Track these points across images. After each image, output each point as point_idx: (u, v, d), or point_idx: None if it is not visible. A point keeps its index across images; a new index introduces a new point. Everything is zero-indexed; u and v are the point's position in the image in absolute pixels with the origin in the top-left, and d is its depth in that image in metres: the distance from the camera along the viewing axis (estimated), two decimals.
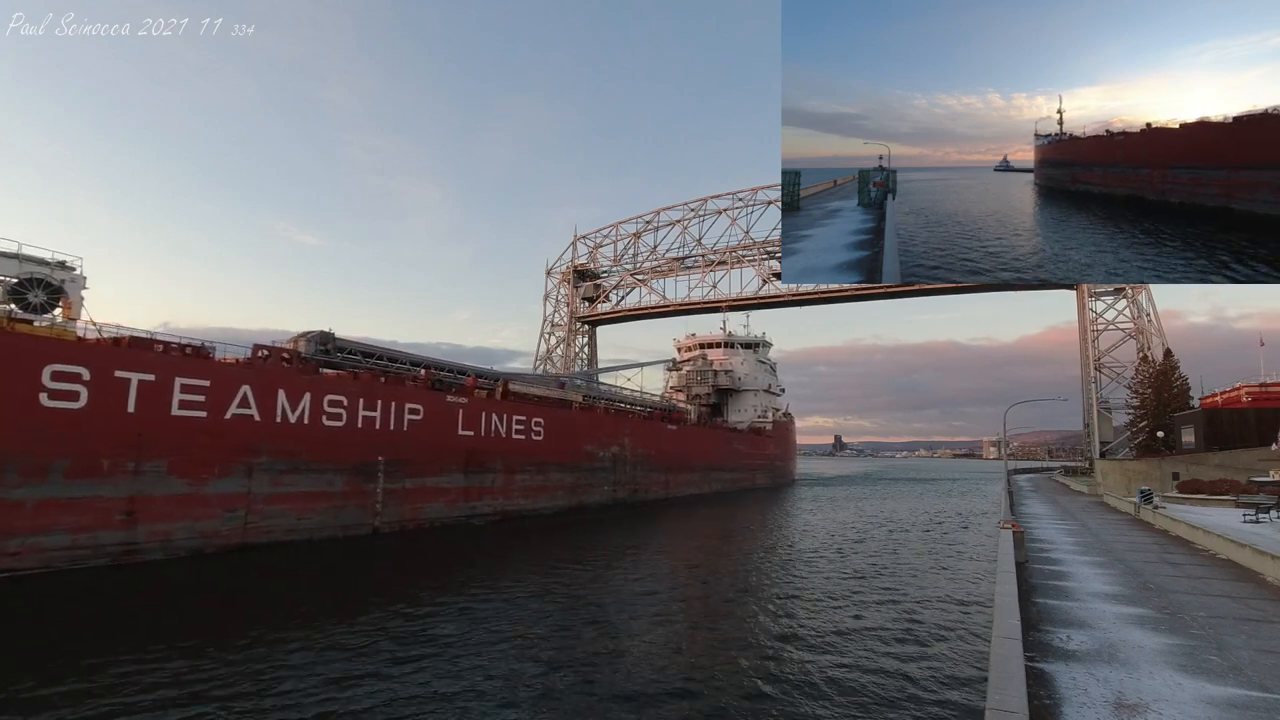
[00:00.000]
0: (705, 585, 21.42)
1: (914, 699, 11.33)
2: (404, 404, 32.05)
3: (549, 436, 41.18)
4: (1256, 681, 7.94)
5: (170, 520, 23.14)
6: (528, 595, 19.23)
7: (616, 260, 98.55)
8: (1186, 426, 50.49)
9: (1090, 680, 7.93)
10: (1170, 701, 7.27)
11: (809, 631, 15.54)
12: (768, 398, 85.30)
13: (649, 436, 53.90)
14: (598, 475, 46.34)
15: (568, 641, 14.71)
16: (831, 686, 11.91)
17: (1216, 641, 9.60)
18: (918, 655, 13.67)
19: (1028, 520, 27.23)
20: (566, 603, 18.47)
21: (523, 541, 30.43)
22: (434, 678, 12.20)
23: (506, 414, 38.34)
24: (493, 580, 21.33)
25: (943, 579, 22.20)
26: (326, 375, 30.42)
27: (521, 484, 38.89)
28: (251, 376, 26.17)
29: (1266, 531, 19.97)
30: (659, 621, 16.39)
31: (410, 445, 32.01)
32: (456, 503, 34.40)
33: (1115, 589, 13.38)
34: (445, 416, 34.31)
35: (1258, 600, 12.34)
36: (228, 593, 19.56)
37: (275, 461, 26.46)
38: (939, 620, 16.51)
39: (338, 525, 28.38)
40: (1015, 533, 16.90)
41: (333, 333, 32.71)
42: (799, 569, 24.02)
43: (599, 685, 11.99)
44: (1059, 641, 9.60)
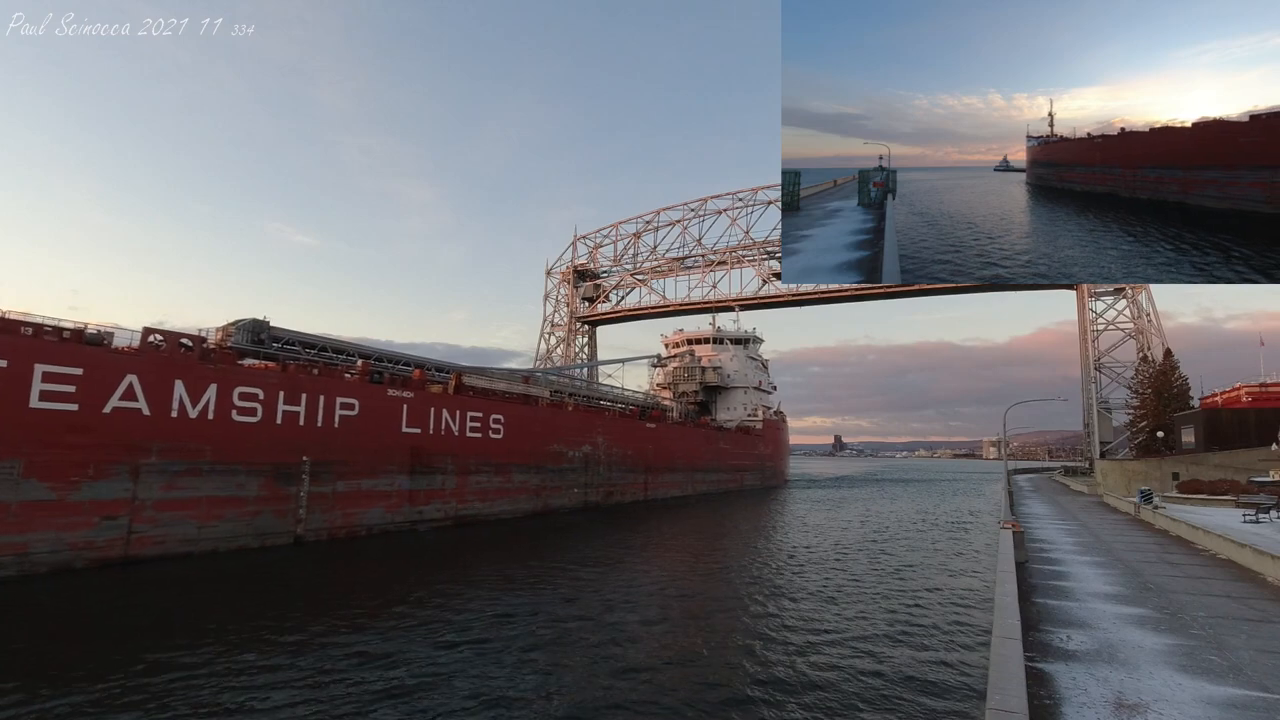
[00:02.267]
0: (676, 602, 18.52)
1: (914, 699, 11.33)
2: (335, 398, 28.78)
3: (510, 434, 38.24)
4: (1256, 681, 7.94)
5: (25, 530, 19.80)
6: (449, 618, 16.33)
7: (616, 260, 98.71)
8: (1186, 426, 50.52)
9: (1090, 680, 7.93)
10: (1170, 701, 7.27)
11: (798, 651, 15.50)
12: (758, 395, 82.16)
13: (626, 435, 50.76)
14: (567, 476, 43.16)
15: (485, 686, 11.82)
16: (829, 688, 11.90)
17: (1216, 641, 9.60)
18: (918, 655, 13.67)
19: (1028, 520, 27.24)
20: (489, 631, 15.27)
21: (472, 551, 27.66)
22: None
23: (460, 409, 35.09)
24: (413, 598, 18.29)
25: (944, 576, 22.20)
26: (243, 366, 27.21)
27: (478, 486, 35.77)
28: (139, 365, 22.78)
29: (1266, 531, 19.97)
30: (606, 657, 13.64)
31: (343, 444, 28.88)
32: (399, 507, 31.17)
33: (1115, 589, 13.38)
34: (385, 412, 31.13)
35: (1258, 600, 12.35)
36: (66, 619, 16.23)
37: (170, 462, 23.08)
38: (939, 620, 16.50)
39: (251, 534, 25.20)
40: (1015, 532, 16.91)
41: (267, 321, 30.30)
42: (788, 578, 22.95)
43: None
44: (1059, 641, 9.60)
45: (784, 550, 28.69)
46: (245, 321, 29.69)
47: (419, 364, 37.86)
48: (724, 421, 75.76)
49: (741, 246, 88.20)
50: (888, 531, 35.81)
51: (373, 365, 33.52)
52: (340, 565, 23.90)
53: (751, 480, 74.99)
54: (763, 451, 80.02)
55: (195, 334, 26.14)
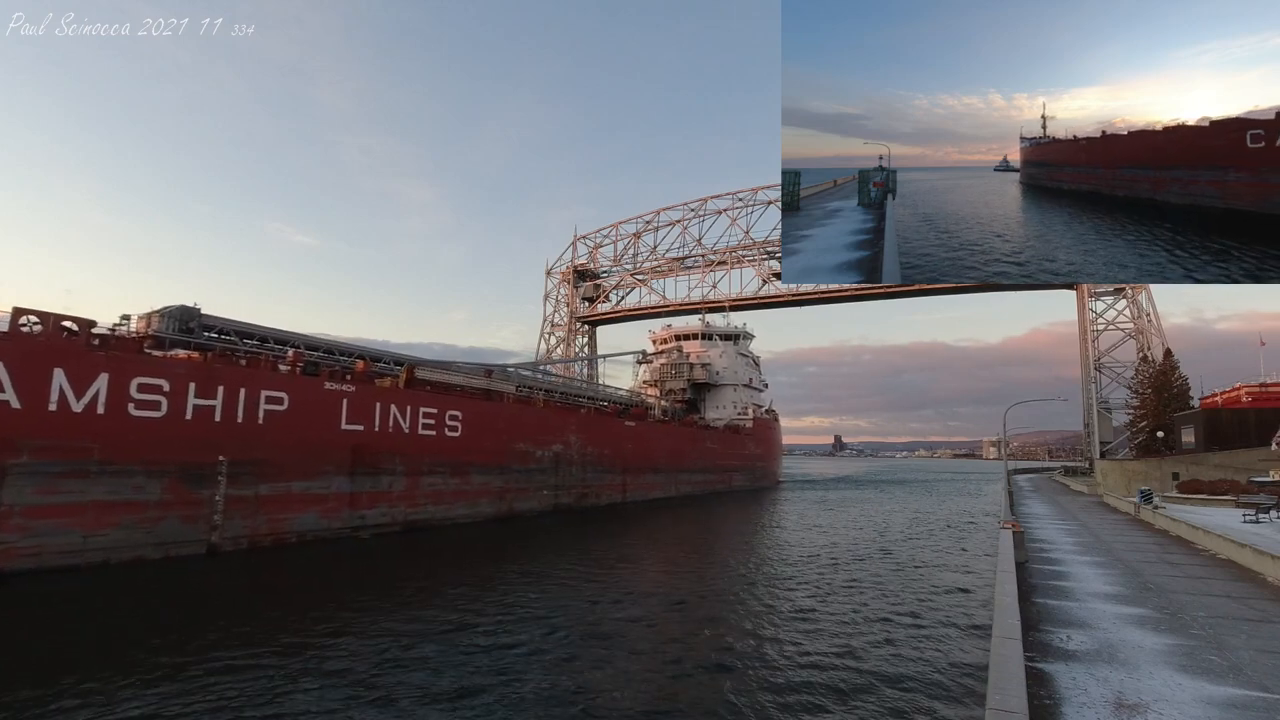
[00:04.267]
0: (644, 628, 15.67)
1: (914, 699, 11.33)
2: (259, 391, 25.89)
3: (469, 432, 35.54)
4: (1256, 681, 7.95)
5: None
6: (347, 646, 13.76)
7: (616, 260, 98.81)
8: (1186, 426, 50.56)
9: (1090, 680, 7.93)
10: (1170, 701, 7.27)
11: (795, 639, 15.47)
12: (749, 393, 78.68)
13: (602, 433, 48.04)
14: (535, 478, 40.43)
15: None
16: (824, 688, 11.90)
17: (1216, 641, 9.60)
18: (917, 655, 13.66)
19: (1028, 520, 27.25)
20: (391, 668, 12.49)
21: (420, 559, 25.58)
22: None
23: (410, 405, 32.34)
24: (325, 623, 15.52)
25: (944, 576, 22.20)
26: (147, 355, 24.52)
27: (431, 488, 33.06)
28: (7, 351, 20.32)
29: (1266, 531, 19.98)
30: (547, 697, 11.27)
31: (269, 442, 26.07)
32: (338, 511, 28.48)
33: (1115, 589, 13.39)
34: (321, 407, 28.36)
35: (1258, 600, 12.35)
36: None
37: (46, 462, 20.47)
38: (938, 620, 16.50)
39: (151, 543, 22.47)
40: (1015, 532, 16.92)
41: (198, 308, 27.79)
42: (775, 581, 21.93)
43: None
44: (1059, 641, 9.60)
45: (771, 554, 28.63)
46: (172, 308, 26.97)
47: (366, 355, 34.95)
48: (714, 420, 72.95)
49: (741, 246, 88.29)
50: (886, 537, 35.74)
51: (306, 356, 30.40)
52: (249, 576, 21.44)
53: (740, 481, 72.14)
54: (752, 451, 76.70)
55: (83, 318, 22.66)
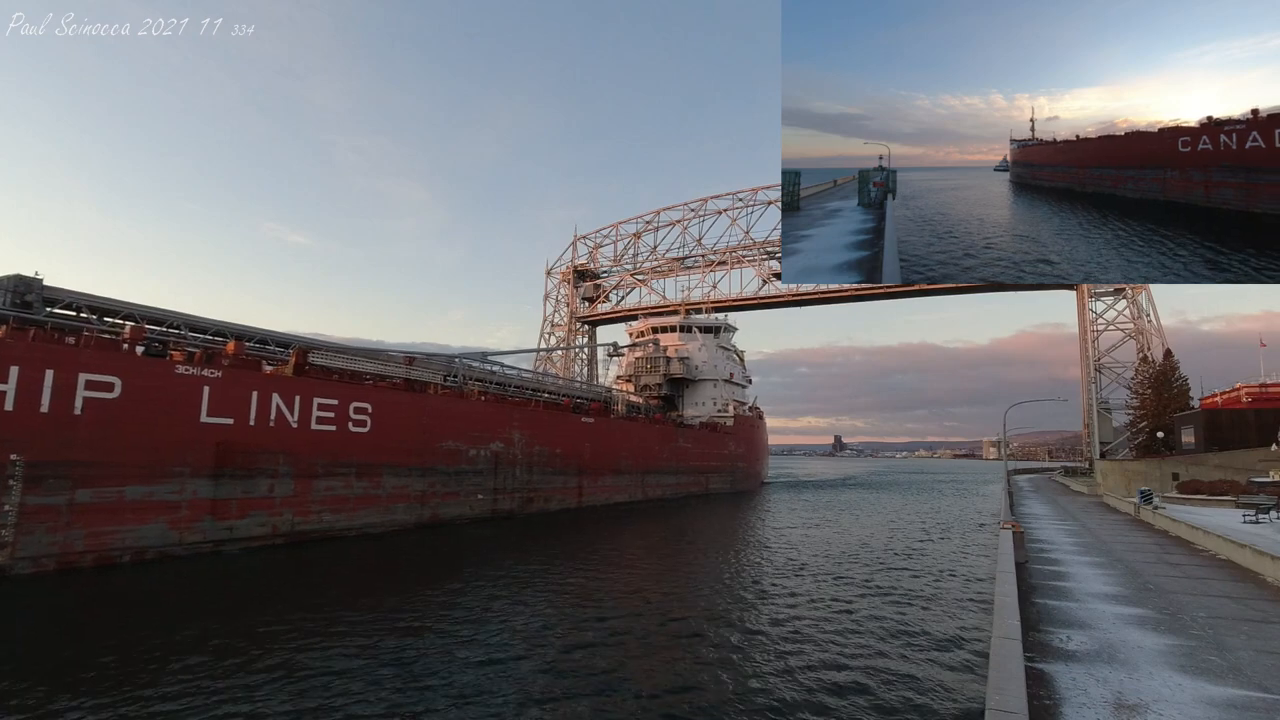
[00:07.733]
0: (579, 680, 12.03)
1: (913, 699, 11.33)
2: (76, 374, 21.36)
3: (382, 427, 30.85)
4: (1256, 682, 7.95)
5: None
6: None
7: (616, 260, 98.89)
8: (1186, 427, 50.57)
9: (1090, 680, 7.93)
10: (1170, 702, 7.28)
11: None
12: (730, 389, 73.09)
13: (552, 430, 42.98)
14: (468, 480, 35.53)
15: None
16: (821, 689, 11.90)
17: (1216, 642, 9.61)
18: (917, 655, 13.66)
19: (1028, 520, 27.26)
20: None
21: (285, 580, 21.08)
22: None
23: (302, 395, 27.75)
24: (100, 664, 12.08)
25: (945, 575, 22.19)
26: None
27: (329, 493, 28.36)
28: None
29: (1266, 532, 19.98)
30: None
31: (89, 437, 21.52)
32: (195, 521, 23.78)
33: (1115, 589, 13.39)
34: (170, 395, 23.70)
35: (1257, 601, 12.36)
36: None
37: None
38: (938, 619, 16.50)
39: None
40: (1015, 533, 16.93)
41: (40, 279, 23.83)
42: (763, 586, 21.47)
43: None
44: (1059, 642, 9.61)
45: (758, 558, 28.60)
46: (6, 279, 22.98)
47: (245, 335, 29.83)
48: (692, 417, 67.54)
49: (741, 246, 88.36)
50: (887, 554, 35.60)
51: (149, 333, 25.81)
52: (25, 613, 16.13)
53: (719, 484, 65.72)
54: (733, 451, 69.99)
55: None
